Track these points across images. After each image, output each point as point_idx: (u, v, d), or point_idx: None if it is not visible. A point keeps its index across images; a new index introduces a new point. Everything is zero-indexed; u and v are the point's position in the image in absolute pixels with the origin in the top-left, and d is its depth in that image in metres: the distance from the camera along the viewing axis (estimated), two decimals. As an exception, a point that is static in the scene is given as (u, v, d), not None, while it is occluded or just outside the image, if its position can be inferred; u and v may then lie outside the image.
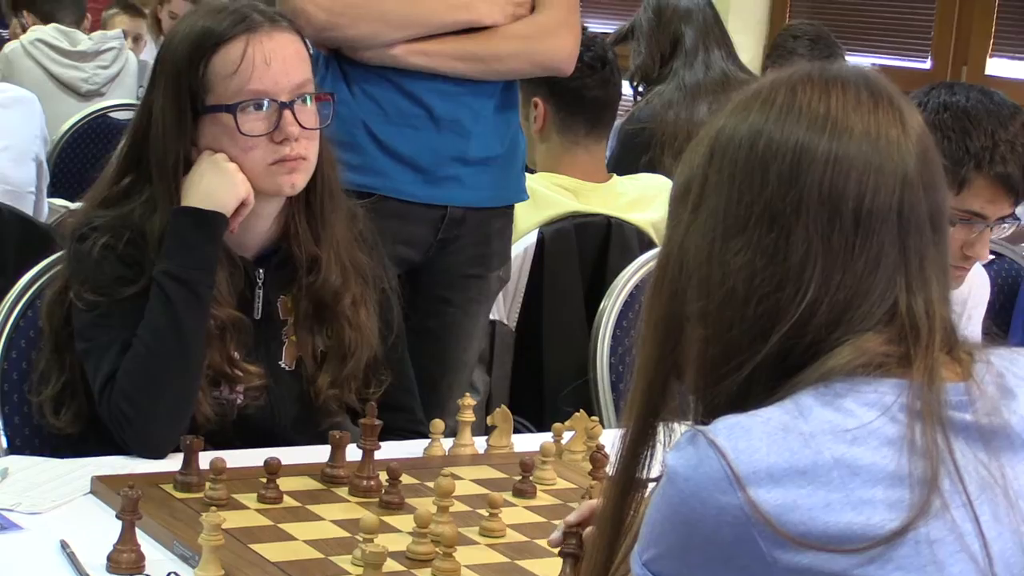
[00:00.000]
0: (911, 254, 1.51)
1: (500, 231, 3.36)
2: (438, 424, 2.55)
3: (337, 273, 2.61)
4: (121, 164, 2.61)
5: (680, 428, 1.59)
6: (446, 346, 3.32)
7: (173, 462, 2.36)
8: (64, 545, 2.02)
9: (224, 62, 2.50)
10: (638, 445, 1.61)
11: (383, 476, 2.27)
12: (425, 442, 2.58)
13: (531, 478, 2.34)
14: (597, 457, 2.32)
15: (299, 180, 2.54)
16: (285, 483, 2.25)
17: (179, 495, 2.20)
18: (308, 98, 2.54)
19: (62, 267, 2.60)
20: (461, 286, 3.34)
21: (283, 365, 2.61)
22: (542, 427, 3.19)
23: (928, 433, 1.45)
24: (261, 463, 2.23)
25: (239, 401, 2.55)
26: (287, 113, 2.50)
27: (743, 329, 1.51)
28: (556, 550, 1.95)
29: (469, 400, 2.57)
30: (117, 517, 1.98)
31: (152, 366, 2.42)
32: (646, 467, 1.61)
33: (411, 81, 3.15)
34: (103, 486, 2.23)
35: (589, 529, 1.83)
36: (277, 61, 2.51)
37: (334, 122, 2.65)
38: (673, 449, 1.49)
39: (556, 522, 2.17)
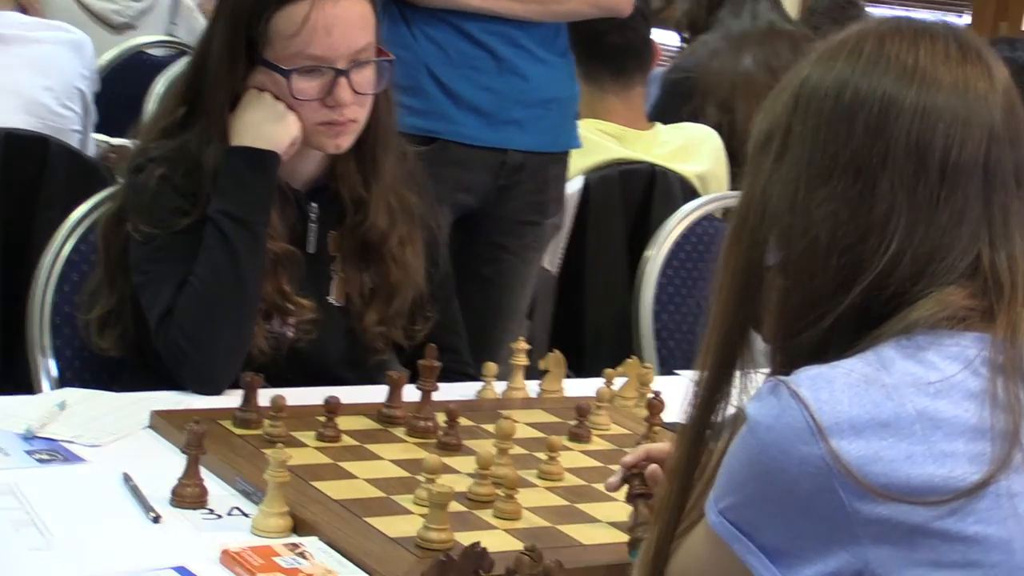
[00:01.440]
0: (995, 209, 1.51)
1: (557, 178, 3.38)
2: (491, 367, 2.55)
3: (384, 215, 2.62)
4: (177, 95, 2.61)
5: (757, 377, 1.59)
6: (501, 293, 3.34)
7: (229, 399, 2.38)
8: (127, 478, 2.03)
9: (287, 22, 2.48)
10: (714, 393, 1.61)
11: (440, 417, 2.27)
12: (475, 385, 2.59)
13: (587, 423, 2.34)
14: (653, 403, 2.32)
15: (345, 142, 2.54)
16: (342, 422, 2.25)
17: (238, 431, 2.21)
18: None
19: (119, 189, 2.62)
20: (518, 233, 3.36)
21: (332, 300, 2.62)
22: (581, 372, 3.19)
23: (1010, 388, 1.45)
24: (315, 401, 2.23)
25: (290, 335, 2.55)
26: (342, 80, 2.50)
27: (825, 280, 1.51)
28: (614, 493, 1.96)
29: (523, 344, 2.58)
30: (182, 451, 1.99)
31: (210, 304, 2.43)
32: (721, 415, 1.62)
33: (472, 23, 3.16)
34: (163, 421, 2.24)
35: (651, 467, 1.84)
36: (339, 28, 2.49)
37: (397, 66, 2.64)
38: (754, 399, 1.49)
39: (613, 467, 2.18)
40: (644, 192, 3.80)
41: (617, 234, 3.77)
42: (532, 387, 2.60)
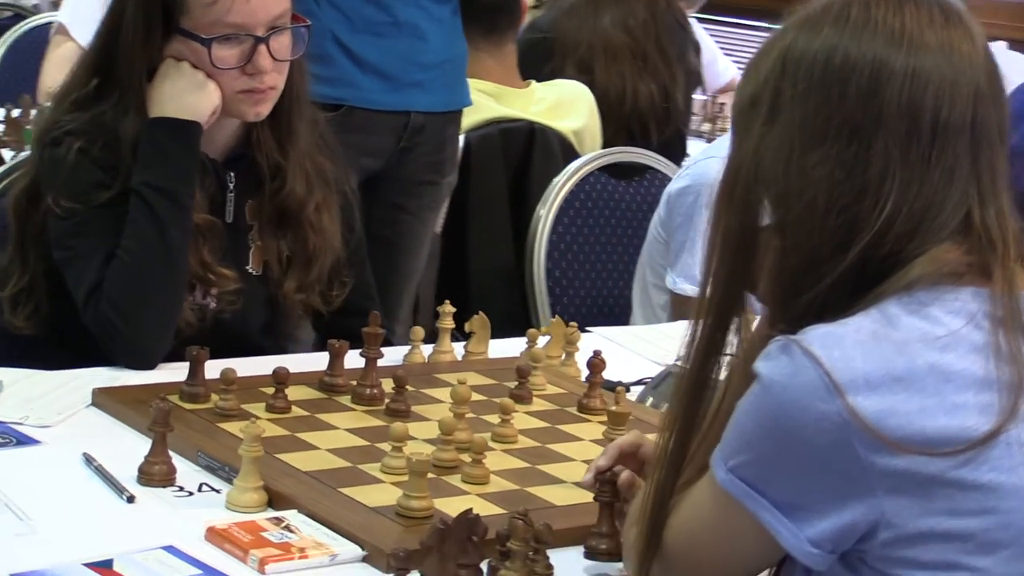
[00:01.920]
0: (983, 166, 1.57)
1: (452, 137, 3.42)
2: (418, 331, 2.57)
3: (301, 181, 2.61)
4: (88, 66, 2.57)
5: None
6: (400, 254, 3.36)
7: (164, 373, 2.37)
8: (88, 459, 2.01)
9: None
10: (709, 353, 1.64)
11: (387, 384, 2.28)
12: (399, 349, 2.60)
13: (527, 384, 2.37)
14: (595, 363, 2.36)
15: (264, 109, 2.53)
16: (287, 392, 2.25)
17: (187, 406, 2.19)
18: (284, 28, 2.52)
19: (29, 165, 2.57)
20: (416, 193, 3.39)
21: (250, 270, 2.61)
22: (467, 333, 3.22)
23: (1012, 340, 1.51)
24: (243, 372, 2.21)
25: (211, 306, 2.54)
26: (262, 47, 2.48)
27: (823, 240, 1.55)
28: (573, 454, 1.97)
29: (449, 307, 2.59)
30: (149, 429, 1.97)
31: (140, 277, 2.41)
32: (716, 371, 1.65)
33: None
34: (106, 398, 2.22)
35: (624, 475, 1.86)
36: None
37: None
38: (763, 358, 1.53)
39: (562, 427, 2.23)
40: (524, 149, 3.83)
41: (499, 192, 3.80)
42: (457, 349, 2.61)
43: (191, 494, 1.95)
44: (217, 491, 1.96)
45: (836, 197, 1.54)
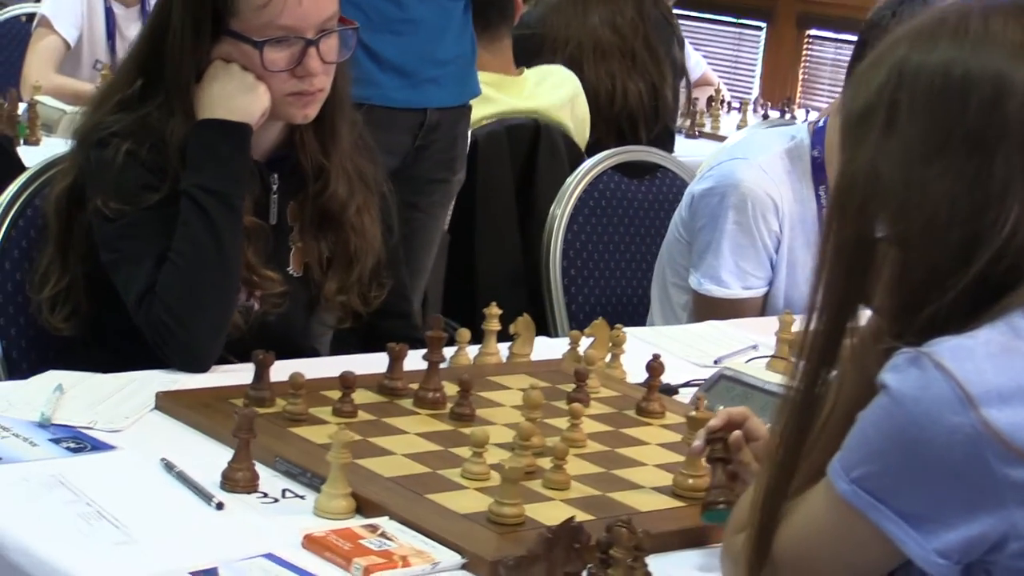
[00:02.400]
0: None
1: (463, 133, 3.44)
2: (464, 333, 2.57)
3: (344, 183, 2.61)
4: (133, 67, 2.56)
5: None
6: (412, 251, 3.35)
7: (223, 376, 2.37)
8: (169, 465, 2.00)
9: None
10: (821, 367, 1.65)
11: (450, 388, 2.29)
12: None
13: (585, 387, 2.37)
14: (654, 366, 2.36)
15: (312, 111, 2.53)
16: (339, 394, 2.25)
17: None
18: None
19: (69, 163, 2.55)
20: (429, 191, 3.40)
21: (291, 272, 2.61)
22: (474, 330, 3.22)
23: None
24: (297, 375, 2.20)
25: (255, 308, 2.53)
26: (312, 50, 2.48)
27: (945, 254, 1.56)
28: (648, 461, 1.97)
29: (495, 309, 2.60)
30: (233, 435, 1.96)
31: (194, 280, 2.40)
32: (826, 386, 1.66)
33: None
34: (171, 402, 2.21)
35: (734, 435, 1.88)
36: None
37: None
38: (891, 370, 1.54)
39: (625, 431, 2.23)
40: (530, 146, 3.84)
41: (505, 189, 3.81)
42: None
43: (276, 500, 1.95)
44: (301, 497, 1.96)
45: (957, 210, 1.56)
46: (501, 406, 2.32)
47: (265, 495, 1.96)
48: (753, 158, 3.12)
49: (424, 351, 2.32)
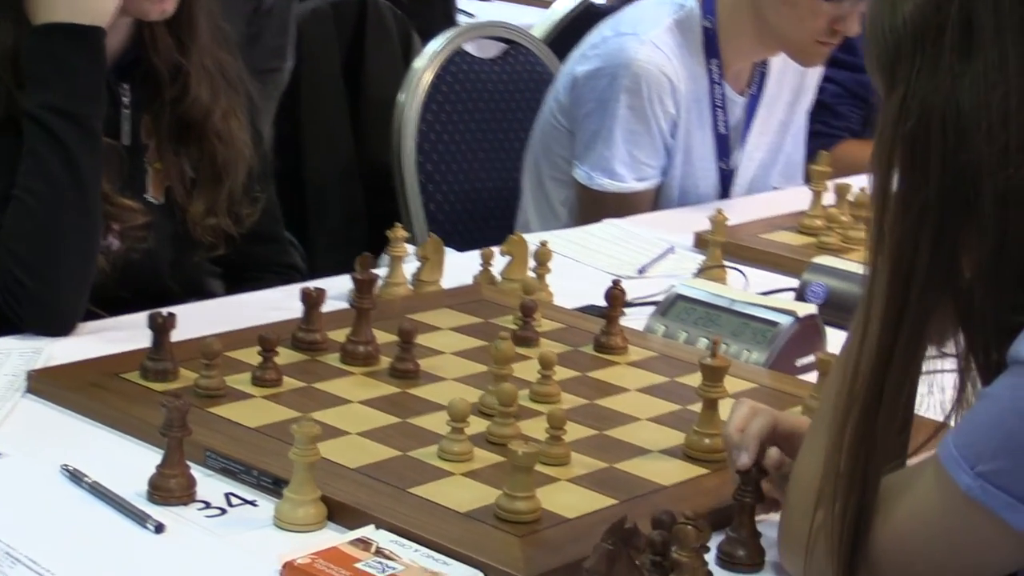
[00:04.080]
0: None
1: (293, 16, 3.01)
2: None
3: (206, 85, 2.20)
4: None
5: None
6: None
7: (90, 340, 1.94)
8: (76, 475, 1.58)
9: None
10: (910, 363, 1.33)
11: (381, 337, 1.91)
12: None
13: (532, 323, 2.02)
14: (615, 293, 2.01)
15: (171, 5, 2.10)
16: (249, 354, 1.86)
17: (155, 386, 1.77)
18: None
19: None
20: (260, 81, 2.94)
21: (150, 198, 2.18)
22: (307, 244, 2.84)
23: None
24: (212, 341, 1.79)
25: (115, 246, 2.12)
26: None
27: None
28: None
29: (401, 231, 2.21)
30: (162, 433, 1.55)
31: (50, 222, 1.97)
32: (914, 362, 1.34)
33: None
34: (48, 383, 1.78)
35: (772, 454, 1.54)
36: None
37: None
38: None
39: (593, 375, 1.91)
40: (356, 24, 3.41)
41: (333, 74, 3.38)
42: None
43: (223, 511, 1.55)
44: (252, 503, 1.57)
45: None
46: (441, 353, 1.95)
47: (207, 504, 1.56)
48: (643, 33, 2.77)
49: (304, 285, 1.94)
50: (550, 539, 1.50)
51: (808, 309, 2.05)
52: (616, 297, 2.01)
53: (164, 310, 1.81)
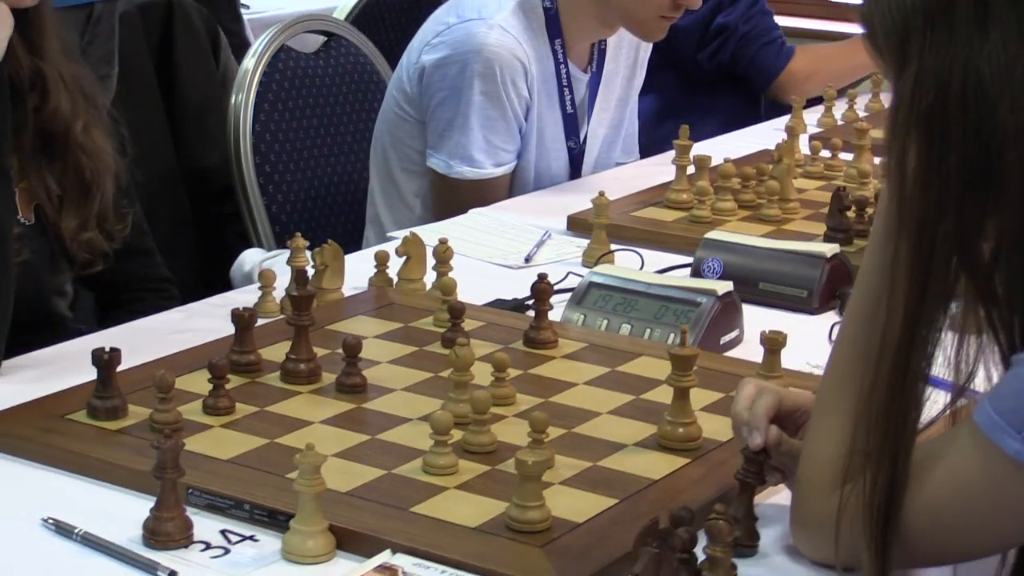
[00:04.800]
0: None
1: (117, 20, 2.92)
2: (270, 275, 2.13)
3: (64, 94, 2.14)
4: None
5: None
6: None
7: (19, 379, 1.86)
8: (62, 527, 1.51)
9: None
10: (933, 322, 1.35)
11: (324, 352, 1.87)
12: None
13: (461, 325, 1.99)
14: (541, 287, 2.00)
15: None
16: (188, 382, 1.81)
17: (107, 425, 1.71)
18: None
19: None
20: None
21: (21, 219, 2.10)
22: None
23: None
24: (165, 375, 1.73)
25: None
26: None
27: None
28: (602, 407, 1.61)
29: (301, 241, 2.16)
30: (155, 476, 1.50)
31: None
32: (932, 340, 1.36)
33: None
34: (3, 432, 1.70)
35: (773, 432, 1.55)
36: None
37: None
38: None
39: (536, 372, 1.91)
40: (164, 25, 3.31)
41: (146, 76, 3.27)
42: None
43: (226, 551, 1.50)
44: (252, 539, 1.52)
45: None
46: (377, 363, 1.92)
47: (208, 545, 1.51)
48: (489, 17, 2.75)
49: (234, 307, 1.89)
50: (571, 546, 1.48)
51: (724, 286, 2.07)
52: (544, 291, 2.00)
53: (106, 347, 1.74)
